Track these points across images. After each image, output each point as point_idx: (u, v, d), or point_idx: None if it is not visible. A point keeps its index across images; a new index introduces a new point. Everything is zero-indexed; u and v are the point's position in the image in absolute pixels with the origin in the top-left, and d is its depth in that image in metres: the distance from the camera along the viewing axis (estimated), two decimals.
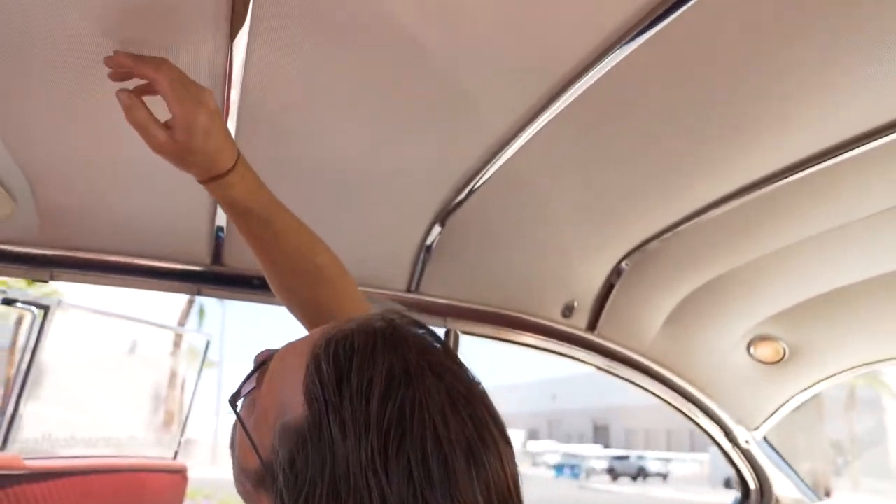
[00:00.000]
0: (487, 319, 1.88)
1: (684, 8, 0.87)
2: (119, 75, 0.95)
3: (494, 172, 1.34)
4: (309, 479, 0.60)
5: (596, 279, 1.78)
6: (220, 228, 1.64)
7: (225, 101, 1.14)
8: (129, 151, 1.28)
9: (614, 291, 1.79)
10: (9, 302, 2.01)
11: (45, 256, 1.72)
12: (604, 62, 0.98)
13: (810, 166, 1.29)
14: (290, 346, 0.73)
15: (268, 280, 1.13)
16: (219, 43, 0.98)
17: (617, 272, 1.74)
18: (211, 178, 0.95)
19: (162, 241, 1.71)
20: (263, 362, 0.76)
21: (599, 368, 1.95)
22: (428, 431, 0.60)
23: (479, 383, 0.69)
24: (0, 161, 1.38)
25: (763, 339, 1.88)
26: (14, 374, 2.05)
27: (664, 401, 1.97)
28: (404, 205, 1.54)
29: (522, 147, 1.23)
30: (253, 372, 0.76)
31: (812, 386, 1.94)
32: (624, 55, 0.97)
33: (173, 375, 7.51)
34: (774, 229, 1.57)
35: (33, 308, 2.13)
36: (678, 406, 1.98)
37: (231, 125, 1.21)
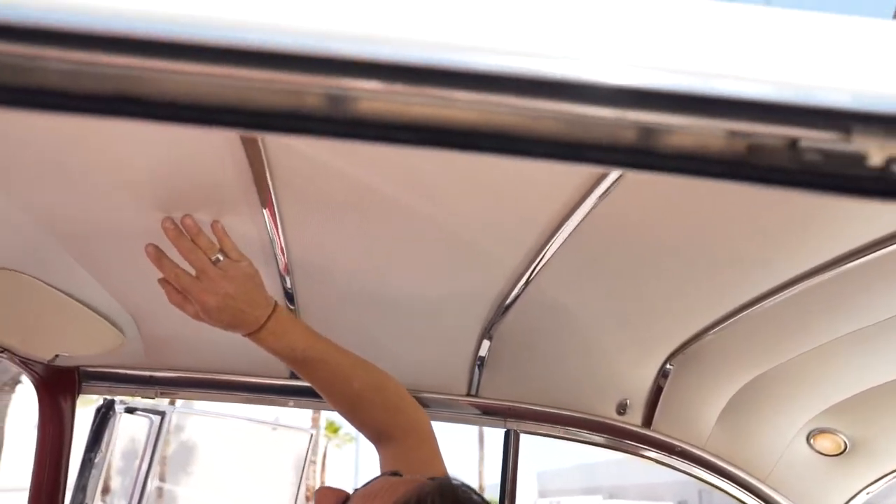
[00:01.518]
0: (546, 419, 1.99)
1: None
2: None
3: (525, 292, 1.47)
4: None
5: (645, 379, 1.86)
6: None
7: (278, 257, 1.35)
8: None
9: (665, 390, 1.87)
10: (130, 411, 2.28)
11: (152, 377, 1.99)
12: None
13: (859, 257, 1.24)
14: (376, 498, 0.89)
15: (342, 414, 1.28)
16: (254, 210, 1.18)
17: (663, 373, 1.81)
18: (249, 335, 1.14)
19: (246, 358, 1.94)
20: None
21: (659, 462, 2.01)
22: None
23: None
24: (109, 305, 1.65)
25: (822, 431, 1.89)
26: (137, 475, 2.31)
27: (727, 493, 1.99)
28: (454, 323, 1.70)
29: (544, 268, 1.34)
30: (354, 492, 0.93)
31: (881, 479, 1.92)
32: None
33: (313, 450, 7.74)
34: (823, 321, 1.58)
35: (151, 415, 2.39)
36: (740, 498, 2.00)
37: (289, 278, 1.42)
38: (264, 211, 1.22)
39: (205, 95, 0.32)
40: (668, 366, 1.79)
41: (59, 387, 1.88)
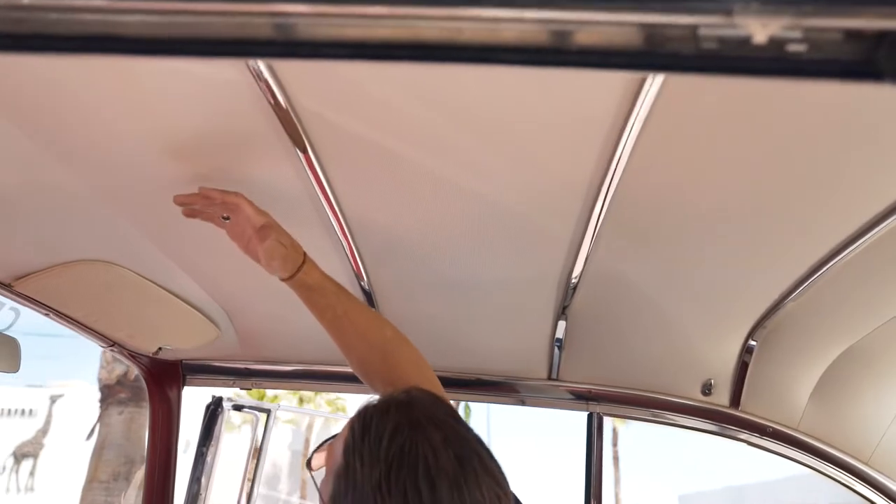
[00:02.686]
0: (628, 401, 1.98)
1: None
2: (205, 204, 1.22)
3: (587, 269, 1.46)
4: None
5: (729, 357, 1.82)
6: None
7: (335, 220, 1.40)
8: (290, 294, 1.63)
9: (750, 367, 1.82)
10: (238, 408, 2.42)
11: (247, 369, 2.11)
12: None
13: None
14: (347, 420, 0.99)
15: (347, 360, 1.32)
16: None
17: (747, 349, 1.77)
18: (290, 277, 1.23)
19: (326, 348, 2.03)
20: (334, 435, 1.01)
21: (749, 444, 1.95)
22: (420, 464, 0.81)
23: (474, 434, 0.90)
24: (204, 301, 1.77)
25: None
26: (245, 470, 2.46)
27: (822, 474, 1.91)
28: (527, 305, 1.72)
29: (597, 240, 1.33)
30: (324, 442, 1.02)
31: None
32: None
33: None
34: None
35: (257, 412, 2.53)
36: (842, 480, 1.91)
37: (364, 273, 1.50)
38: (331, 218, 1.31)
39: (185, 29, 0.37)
40: (751, 341, 1.74)
41: (165, 379, 2.03)
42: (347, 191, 1.25)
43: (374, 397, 0.97)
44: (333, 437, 1.01)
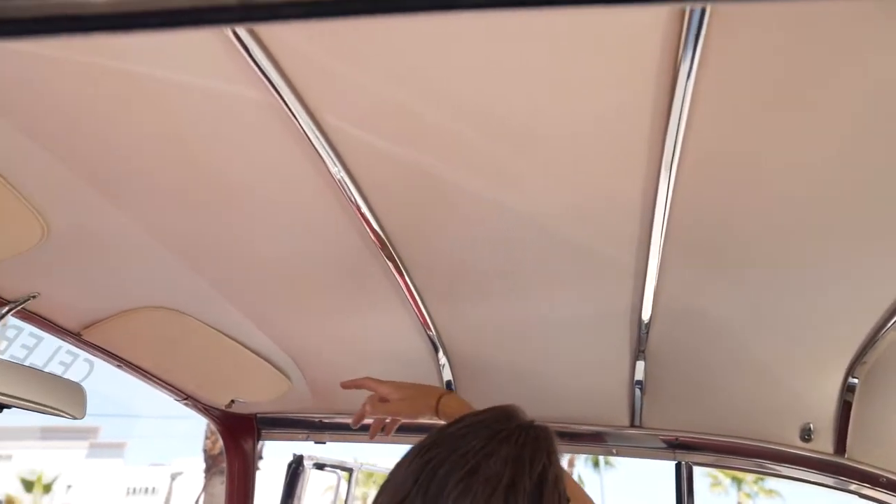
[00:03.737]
0: (720, 449, 1.83)
1: None
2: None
3: (658, 302, 1.38)
4: None
5: (828, 397, 1.66)
6: (449, 382, 1.88)
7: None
8: (366, 345, 1.62)
9: (854, 408, 1.65)
10: (320, 466, 2.40)
11: (321, 422, 2.09)
12: None
13: None
14: None
15: None
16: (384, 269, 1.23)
17: (849, 387, 1.61)
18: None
19: None
20: None
21: (861, 496, 1.76)
22: None
23: None
24: (273, 352, 1.77)
25: None
26: None
27: None
28: (602, 345, 1.63)
29: (664, 271, 1.25)
30: None
31: None
32: None
33: None
34: None
35: (338, 471, 2.50)
36: None
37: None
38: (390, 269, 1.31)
39: None
40: (851, 378, 1.59)
41: (240, 432, 2.03)
42: (405, 236, 1.24)
43: None
44: None
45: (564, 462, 1.02)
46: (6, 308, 1.26)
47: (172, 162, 0.98)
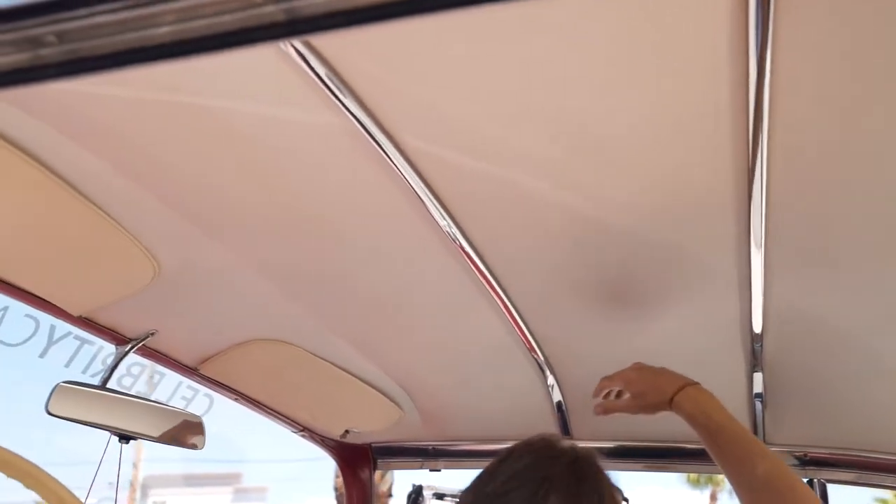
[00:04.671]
0: (856, 465, 1.70)
1: None
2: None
3: (768, 306, 1.29)
4: None
5: None
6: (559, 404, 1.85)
7: None
8: (468, 368, 1.62)
9: None
10: (439, 496, 2.40)
11: (434, 449, 2.10)
12: None
13: None
14: None
15: None
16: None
17: None
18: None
19: (520, 423, 1.96)
20: None
21: None
22: None
23: None
24: (388, 385, 1.80)
25: None
26: None
27: None
28: (709, 359, 1.55)
29: (771, 273, 1.18)
30: None
31: None
32: None
33: None
34: None
35: (458, 499, 2.49)
36: None
37: None
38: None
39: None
40: None
41: (356, 462, 2.08)
42: (501, 259, 1.24)
43: None
44: None
45: (706, 496, 0.99)
46: (129, 346, 1.36)
47: (263, 193, 1.02)
